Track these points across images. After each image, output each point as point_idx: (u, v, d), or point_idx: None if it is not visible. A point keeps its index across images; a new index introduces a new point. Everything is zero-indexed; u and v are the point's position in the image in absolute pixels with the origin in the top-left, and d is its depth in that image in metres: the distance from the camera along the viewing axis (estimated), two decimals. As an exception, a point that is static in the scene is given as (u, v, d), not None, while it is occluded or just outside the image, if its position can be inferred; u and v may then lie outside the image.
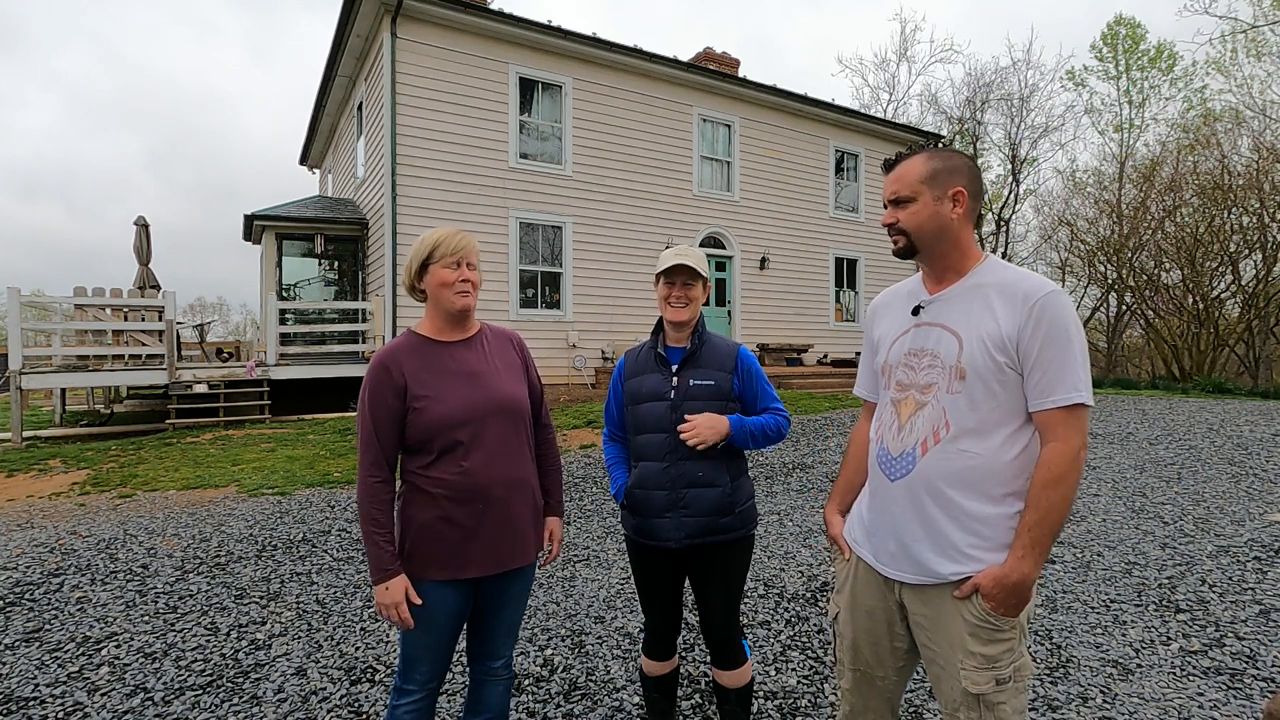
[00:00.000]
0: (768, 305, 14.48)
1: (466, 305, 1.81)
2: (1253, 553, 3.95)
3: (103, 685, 2.78)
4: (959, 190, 1.49)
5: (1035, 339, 1.38)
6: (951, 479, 1.44)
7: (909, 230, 1.51)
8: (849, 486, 1.78)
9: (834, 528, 1.76)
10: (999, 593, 1.38)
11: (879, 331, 1.69)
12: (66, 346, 10.95)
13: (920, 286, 1.61)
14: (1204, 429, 7.85)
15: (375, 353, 1.80)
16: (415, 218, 10.60)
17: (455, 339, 1.86)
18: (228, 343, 21.87)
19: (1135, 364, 24.57)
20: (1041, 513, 1.36)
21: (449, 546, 1.76)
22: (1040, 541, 1.36)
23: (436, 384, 1.77)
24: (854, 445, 1.80)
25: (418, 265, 1.80)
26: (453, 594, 1.79)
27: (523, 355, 1.99)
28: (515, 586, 1.91)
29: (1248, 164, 17.97)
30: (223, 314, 53.41)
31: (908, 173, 1.52)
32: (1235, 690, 2.58)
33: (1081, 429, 1.38)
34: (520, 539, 1.85)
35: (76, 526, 5.00)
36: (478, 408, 1.78)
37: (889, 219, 1.55)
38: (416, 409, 1.74)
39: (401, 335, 1.85)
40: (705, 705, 2.58)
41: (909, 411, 1.52)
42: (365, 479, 1.72)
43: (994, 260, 1.53)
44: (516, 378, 1.91)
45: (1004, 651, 1.42)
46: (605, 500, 5.51)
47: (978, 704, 1.42)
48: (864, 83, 50.35)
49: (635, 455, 2.15)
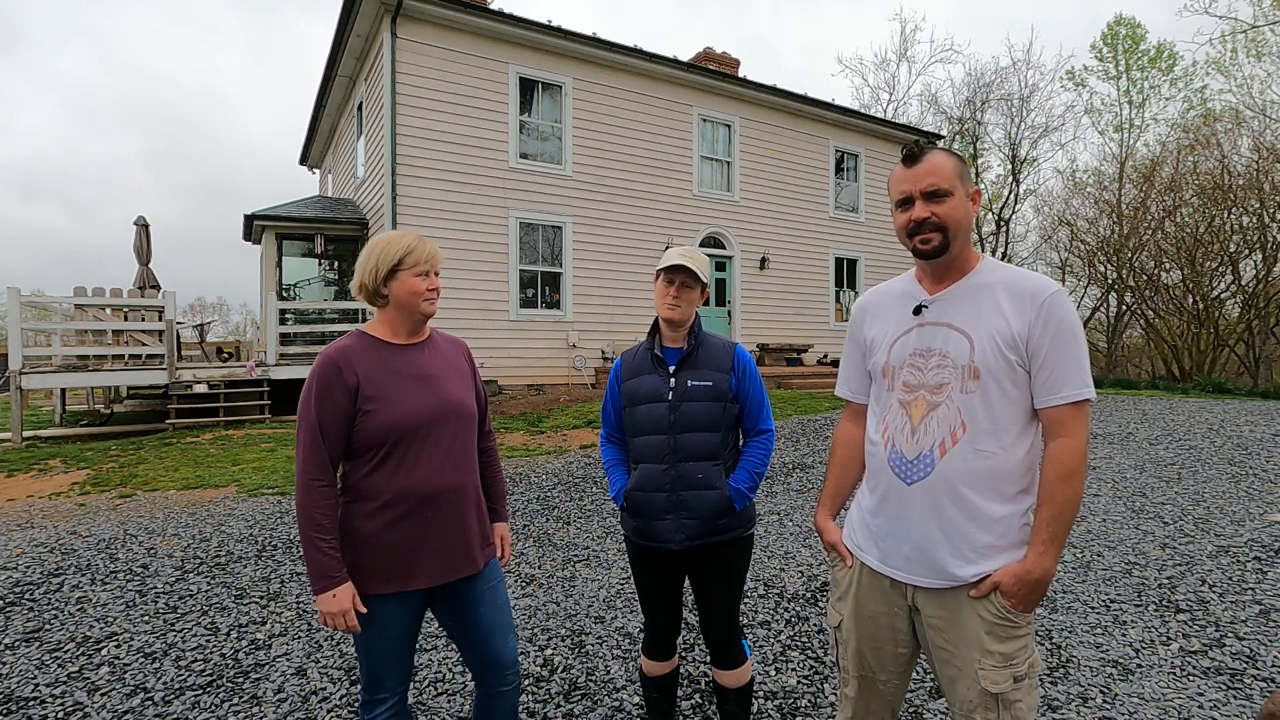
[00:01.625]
0: (768, 305, 14.48)
1: (433, 312, 1.82)
2: (1253, 553, 3.95)
3: (103, 685, 2.78)
4: (976, 191, 1.51)
5: (1045, 337, 1.39)
6: (971, 480, 1.44)
7: (949, 225, 1.45)
8: (839, 490, 1.77)
9: (830, 534, 1.72)
10: (1020, 589, 1.39)
11: (872, 332, 1.65)
12: (66, 346, 10.94)
13: (915, 286, 1.58)
14: (1204, 429, 7.85)
15: (322, 350, 1.75)
16: (415, 218, 10.60)
17: (409, 342, 1.83)
18: (228, 343, 21.86)
19: (1135, 364, 24.57)
20: (1058, 508, 1.38)
21: (395, 557, 1.71)
22: (1058, 536, 1.38)
23: (389, 386, 1.73)
24: (841, 448, 1.77)
25: (385, 270, 1.75)
26: (400, 607, 1.74)
27: (470, 362, 1.99)
28: (481, 584, 1.86)
29: (1248, 164, 17.97)
30: (223, 314, 53.39)
31: (944, 166, 1.45)
32: (1235, 690, 2.58)
33: (1087, 424, 1.41)
34: (468, 547, 1.82)
35: (76, 526, 5.00)
36: (430, 411, 1.76)
37: (923, 213, 1.45)
38: (368, 411, 1.69)
39: (350, 335, 1.79)
40: (705, 705, 2.58)
41: (921, 413, 1.49)
42: (307, 482, 1.64)
43: (991, 260, 1.53)
44: (466, 384, 1.90)
45: (1020, 649, 1.42)
46: (605, 500, 5.51)
47: (996, 704, 1.41)
48: (864, 83, 50.51)
49: (634, 457, 2.14)
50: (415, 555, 1.73)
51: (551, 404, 9.99)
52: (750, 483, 2.08)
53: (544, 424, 8.68)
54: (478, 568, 1.85)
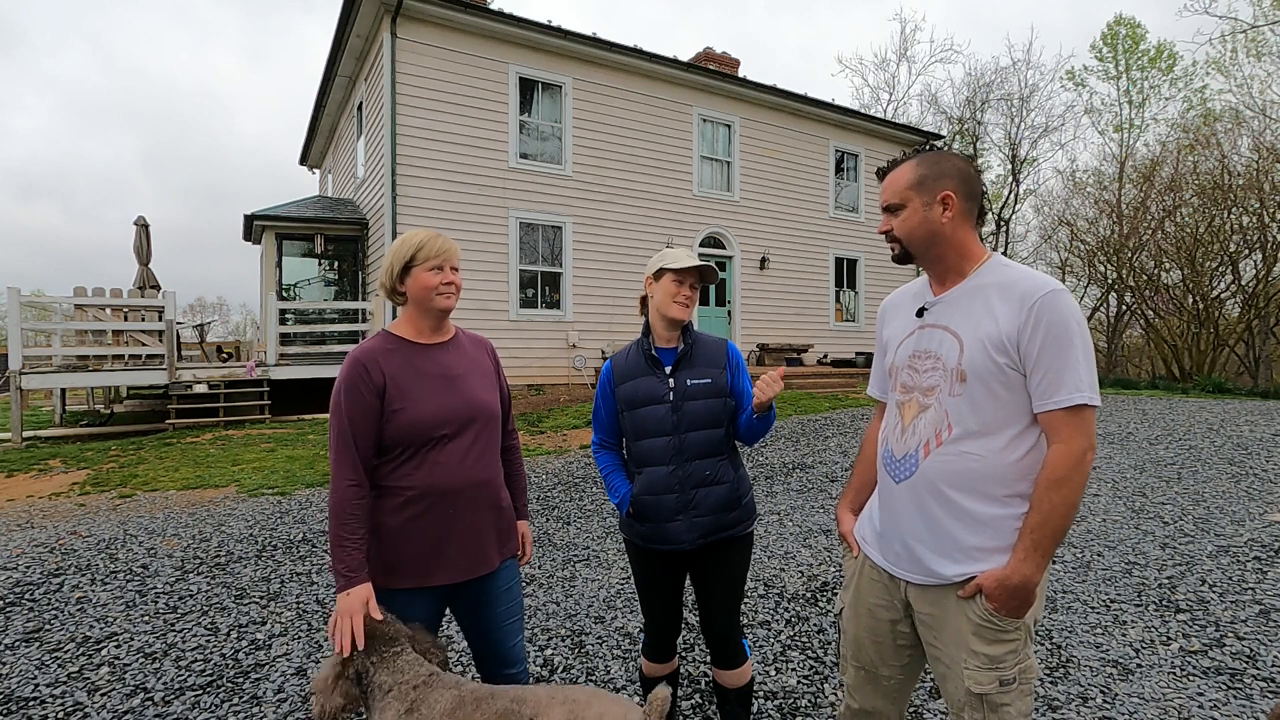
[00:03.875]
0: (767, 305, 14.48)
1: (449, 306, 1.81)
2: (1253, 553, 3.95)
3: (103, 685, 2.78)
4: (948, 194, 1.48)
5: (1035, 339, 1.36)
6: (953, 480, 1.45)
7: (901, 237, 1.55)
8: (862, 485, 1.79)
9: (844, 525, 1.79)
10: (1000, 594, 1.38)
11: (888, 332, 1.69)
12: (66, 346, 10.95)
13: (926, 288, 1.62)
14: (1204, 429, 7.85)
15: (349, 353, 1.76)
16: (415, 218, 10.60)
17: (433, 341, 1.85)
18: (228, 343, 21.88)
19: (1135, 364, 24.59)
20: (1044, 515, 1.35)
21: (417, 553, 1.73)
22: (1042, 544, 1.35)
23: (415, 386, 1.75)
24: (866, 445, 1.81)
25: (400, 268, 1.78)
26: (421, 602, 1.76)
27: (495, 362, 2.00)
28: (499, 583, 1.88)
29: (1248, 164, 17.98)
30: (223, 314, 53.48)
31: (896, 181, 1.55)
32: (1235, 690, 2.58)
33: (1087, 431, 1.35)
34: (488, 545, 1.84)
35: (76, 526, 5.00)
36: (455, 411, 1.77)
37: (884, 226, 1.58)
38: (394, 410, 1.71)
39: (377, 336, 1.82)
40: (705, 705, 2.58)
41: (912, 414, 1.53)
42: (341, 485, 1.65)
43: (997, 260, 1.51)
44: (490, 384, 1.91)
45: (1008, 653, 1.41)
46: (605, 500, 5.51)
47: (981, 704, 1.42)
48: (864, 83, 50.45)
49: (637, 461, 2.12)
50: (437, 552, 1.75)
51: (551, 404, 9.99)
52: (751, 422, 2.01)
53: (544, 424, 8.68)
54: (495, 566, 1.87)
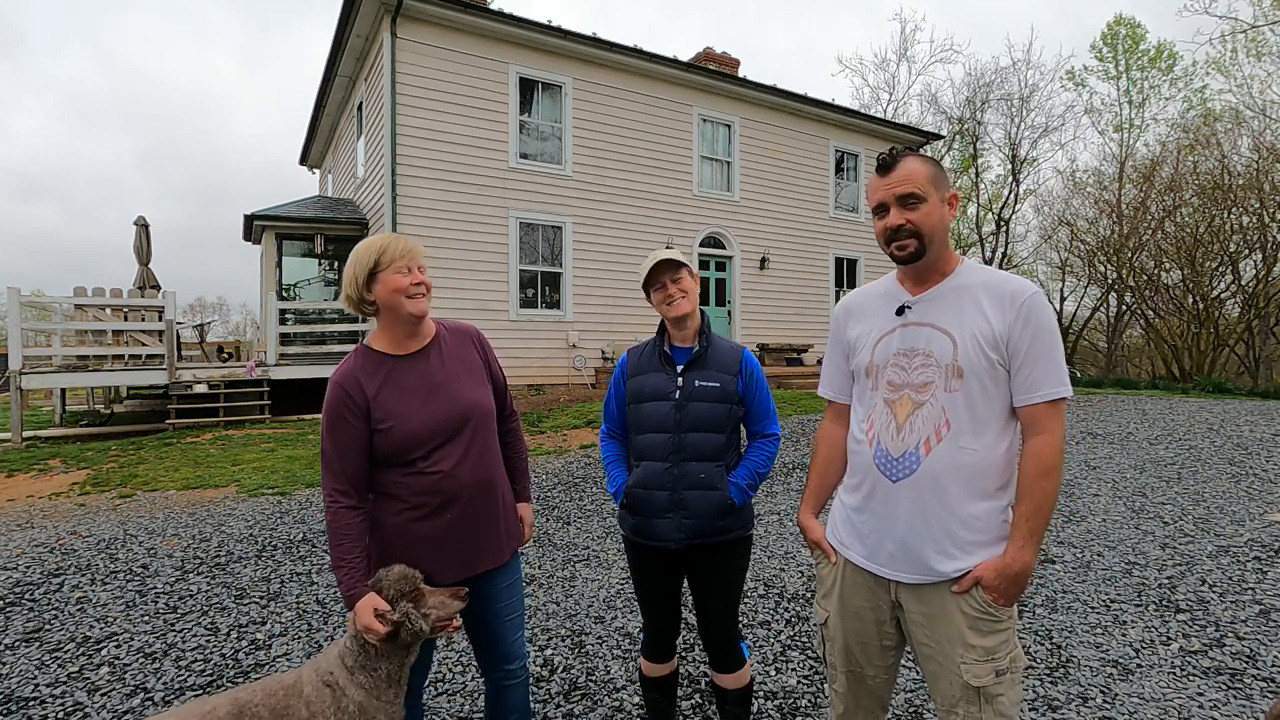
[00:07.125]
0: (768, 305, 14.48)
1: (423, 310, 1.75)
2: (1253, 553, 3.95)
3: (103, 685, 2.78)
4: (953, 195, 1.53)
5: (1024, 337, 1.43)
6: (955, 476, 1.47)
7: (924, 231, 1.47)
8: (822, 489, 1.79)
9: (815, 532, 1.75)
10: (1001, 583, 1.42)
11: (855, 332, 1.67)
12: (66, 346, 10.94)
13: (896, 287, 1.61)
14: (1204, 429, 7.85)
15: (330, 375, 1.75)
16: (415, 218, 10.60)
17: (412, 350, 1.79)
18: (228, 343, 21.88)
19: (1135, 364, 24.59)
20: (1037, 503, 1.42)
21: (420, 555, 1.73)
22: (1036, 531, 1.42)
23: (399, 403, 1.72)
24: (824, 447, 1.79)
25: (364, 276, 1.71)
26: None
27: (483, 351, 1.94)
28: (500, 580, 1.89)
29: (1248, 164, 17.98)
30: (223, 314, 53.48)
31: (916, 172, 1.48)
32: (1235, 690, 2.58)
33: (1064, 420, 1.46)
34: (493, 540, 1.84)
35: (76, 526, 5.00)
36: (444, 420, 1.75)
37: (897, 220, 1.48)
38: (382, 429, 1.70)
39: (355, 353, 1.77)
40: (705, 705, 2.58)
41: (906, 411, 1.52)
42: (333, 506, 1.67)
43: (971, 262, 1.58)
44: (479, 379, 1.87)
45: (1001, 643, 1.45)
46: (605, 500, 5.51)
47: (978, 697, 1.44)
48: (864, 83, 50.44)
49: (636, 454, 2.13)
50: (440, 552, 1.75)
51: (551, 404, 9.99)
52: (750, 480, 2.08)
53: (544, 424, 8.68)
54: (499, 562, 1.87)
